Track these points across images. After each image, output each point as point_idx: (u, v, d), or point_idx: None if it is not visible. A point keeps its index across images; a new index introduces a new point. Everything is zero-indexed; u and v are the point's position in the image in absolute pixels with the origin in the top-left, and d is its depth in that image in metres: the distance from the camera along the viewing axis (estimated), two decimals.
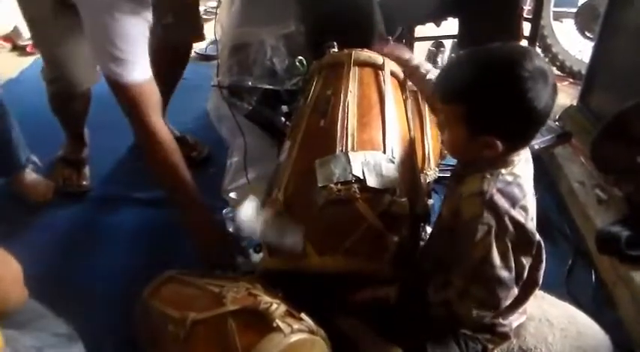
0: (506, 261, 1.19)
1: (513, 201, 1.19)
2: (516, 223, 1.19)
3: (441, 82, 1.26)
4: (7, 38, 3.81)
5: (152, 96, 1.74)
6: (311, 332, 1.21)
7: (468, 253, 1.19)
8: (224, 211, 2.03)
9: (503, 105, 1.14)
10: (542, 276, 1.34)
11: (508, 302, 1.26)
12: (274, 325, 1.15)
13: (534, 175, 1.32)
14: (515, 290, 1.25)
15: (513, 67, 1.12)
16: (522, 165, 1.25)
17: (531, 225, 1.23)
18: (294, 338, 1.16)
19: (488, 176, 1.20)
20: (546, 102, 1.14)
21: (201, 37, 2.51)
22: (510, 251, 1.19)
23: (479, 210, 1.17)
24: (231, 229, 2.01)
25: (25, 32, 3.78)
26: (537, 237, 1.25)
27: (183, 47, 2.50)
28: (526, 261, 1.25)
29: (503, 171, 1.21)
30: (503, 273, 1.19)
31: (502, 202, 1.17)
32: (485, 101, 1.15)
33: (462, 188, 1.23)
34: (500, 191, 1.18)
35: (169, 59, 2.43)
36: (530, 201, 1.24)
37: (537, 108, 1.13)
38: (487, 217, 1.16)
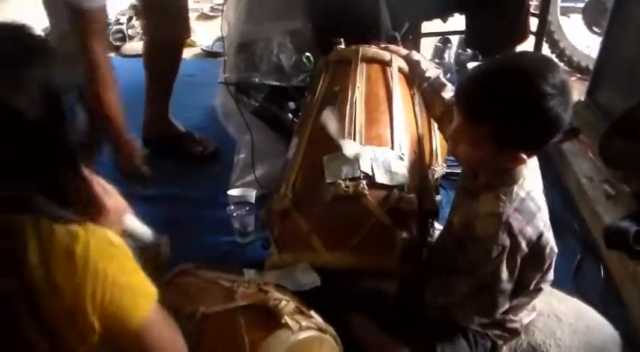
0: (512, 276, 1.21)
1: (530, 217, 1.20)
2: (529, 241, 1.20)
3: (465, 99, 1.22)
4: None
5: (101, 22, 1.98)
6: (320, 329, 1.20)
7: (478, 269, 1.21)
8: (228, 209, 2.04)
9: (533, 124, 1.14)
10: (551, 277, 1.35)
11: (504, 308, 1.29)
12: (283, 322, 1.15)
13: (542, 171, 1.33)
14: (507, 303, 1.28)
15: (541, 85, 1.11)
16: (531, 177, 1.26)
17: (547, 235, 1.24)
18: (302, 335, 1.16)
19: (503, 196, 1.20)
20: (568, 113, 1.15)
21: (187, 34, 2.63)
22: (518, 267, 1.21)
23: (494, 231, 1.17)
24: (236, 225, 2.02)
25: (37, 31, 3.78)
26: (552, 247, 1.26)
27: (173, 45, 2.52)
28: (536, 275, 1.28)
29: (515, 188, 1.21)
30: (507, 286, 1.22)
31: (518, 222, 1.18)
32: (515, 123, 1.14)
33: (477, 207, 1.23)
34: (517, 210, 1.19)
35: (161, 57, 2.50)
36: (544, 210, 1.26)
37: (563, 120, 1.14)
38: (502, 238, 1.17)
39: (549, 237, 1.25)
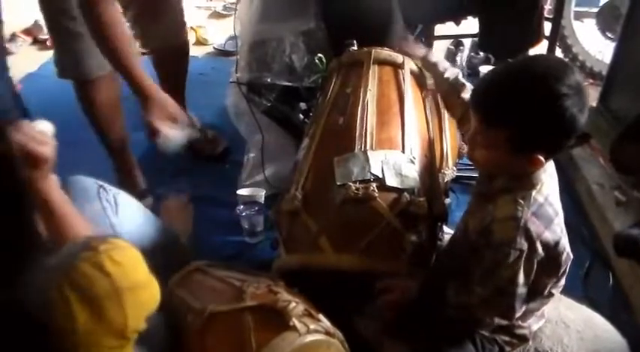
0: (528, 280, 1.21)
1: (548, 222, 1.20)
2: (547, 246, 1.19)
3: (481, 104, 1.22)
4: (27, 32, 3.84)
5: None
6: (327, 333, 1.20)
7: (495, 273, 1.20)
8: (237, 208, 2.04)
9: (550, 126, 1.14)
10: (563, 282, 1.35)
11: (519, 313, 1.28)
12: (290, 324, 1.15)
13: None
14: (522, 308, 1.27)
15: (556, 87, 1.10)
16: (549, 181, 1.25)
17: (564, 241, 1.24)
18: (309, 338, 1.16)
19: (521, 200, 1.19)
20: (585, 113, 1.14)
21: (185, 42, 2.54)
22: (534, 270, 1.20)
23: (512, 235, 1.16)
24: (246, 225, 2.02)
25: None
26: (568, 253, 1.26)
27: (175, 52, 2.52)
28: (550, 281, 1.28)
29: (533, 192, 1.21)
30: (522, 290, 1.21)
31: (536, 226, 1.18)
32: (532, 125, 1.14)
33: (494, 210, 1.22)
34: (534, 214, 1.18)
35: (167, 63, 2.51)
36: (561, 216, 1.25)
37: (579, 121, 1.14)
38: (520, 242, 1.16)
39: (565, 242, 1.25)
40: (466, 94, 1.56)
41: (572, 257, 1.27)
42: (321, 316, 1.22)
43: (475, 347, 1.34)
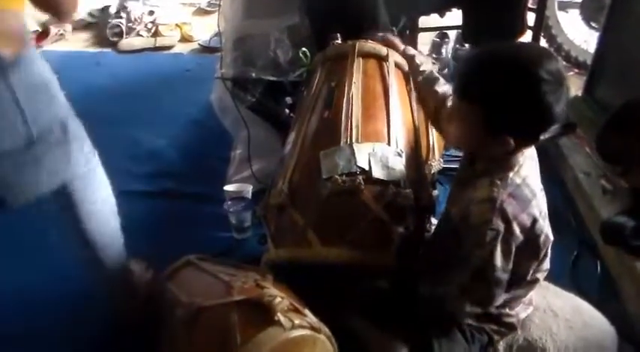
0: (507, 264, 1.21)
1: (525, 203, 1.20)
2: (524, 228, 1.20)
3: (461, 80, 1.23)
4: None
5: None
6: (313, 328, 1.20)
7: (473, 255, 1.20)
8: (224, 204, 2.03)
9: (524, 108, 1.14)
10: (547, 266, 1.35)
11: (500, 300, 1.29)
12: (275, 319, 1.15)
13: (539, 166, 1.32)
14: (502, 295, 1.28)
15: (535, 70, 1.11)
16: (528, 164, 1.26)
17: (542, 223, 1.24)
18: (294, 333, 1.16)
19: (498, 182, 1.20)
20: (562, 103, 1.15)
21: None
22: (512, 255, 1.20)
23: (488, 216, 1.17)
24: (233, 221, 2.02)
25: (29, 26, 3.77)
26: (547, 235, 1.26)
27: None
28: (532, 265, 1.28)
29: (510, 174, 1.21)
30: (502, 275, 1.21)
31: (512, 207, 1.18)
32: (506, 105, 1.14)
33: (472, 193, 1.23)
34: (511, 195, 1.19)
35: None
36: (541, 198, 1.25)
37: (555, 110, 1.14)
38: (496, 223, 1.17)
39: (544, 224, 1.25)
40: (439, 88, 1.57)
41: (552, 239, 1.28)
42: (307, 311, 1.22)
43: (465, 338, 1.34)
